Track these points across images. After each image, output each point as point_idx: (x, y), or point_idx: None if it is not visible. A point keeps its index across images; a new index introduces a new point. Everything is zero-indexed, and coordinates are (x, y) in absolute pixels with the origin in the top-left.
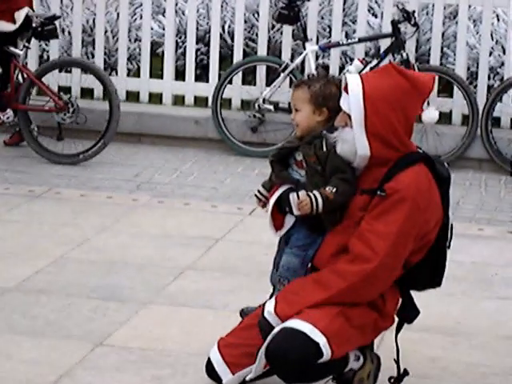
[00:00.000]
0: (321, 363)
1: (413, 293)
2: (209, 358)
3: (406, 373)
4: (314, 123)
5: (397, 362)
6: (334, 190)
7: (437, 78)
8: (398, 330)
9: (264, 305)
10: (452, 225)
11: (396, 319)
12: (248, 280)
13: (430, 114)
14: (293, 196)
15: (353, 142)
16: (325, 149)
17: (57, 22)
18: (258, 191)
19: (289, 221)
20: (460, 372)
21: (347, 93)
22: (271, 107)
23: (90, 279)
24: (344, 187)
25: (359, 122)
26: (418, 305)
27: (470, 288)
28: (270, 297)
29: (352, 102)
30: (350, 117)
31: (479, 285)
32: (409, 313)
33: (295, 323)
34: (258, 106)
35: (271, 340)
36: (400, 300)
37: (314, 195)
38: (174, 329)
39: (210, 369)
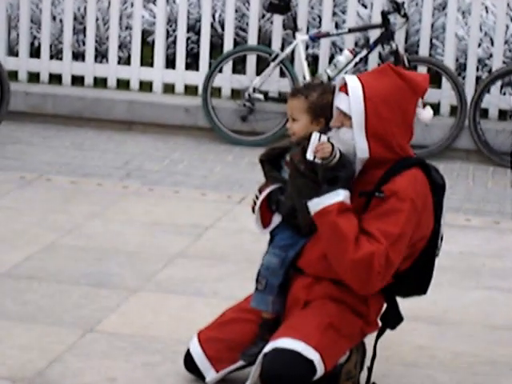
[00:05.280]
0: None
1: None
2: (188, 351)
3: None
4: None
5: (370, 369)
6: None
7: (426, 68)
8: (378, 336)
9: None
10: (442, 234)
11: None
12: (237, 268)
13: (426, 113)
14: (316, 135)
15: (351, 143)
16: None
17: (48, 9)
18: (256, 197)
19: (276, 220)
20: (447, 361)
21: (346, 93)
22: (261, 96)
23: (80, 266)
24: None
25: (360, 123)
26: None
27: (457, 278)
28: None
29: (353, 103)
30: (347, 118)
31: (467, 275)
32: (391, 319)
33: (287, 343)
34: (248, 95)
35: (263, 361)
36: (384, 305)
37: (337, 147)
38: (164, 316)
39: (189, 361)
